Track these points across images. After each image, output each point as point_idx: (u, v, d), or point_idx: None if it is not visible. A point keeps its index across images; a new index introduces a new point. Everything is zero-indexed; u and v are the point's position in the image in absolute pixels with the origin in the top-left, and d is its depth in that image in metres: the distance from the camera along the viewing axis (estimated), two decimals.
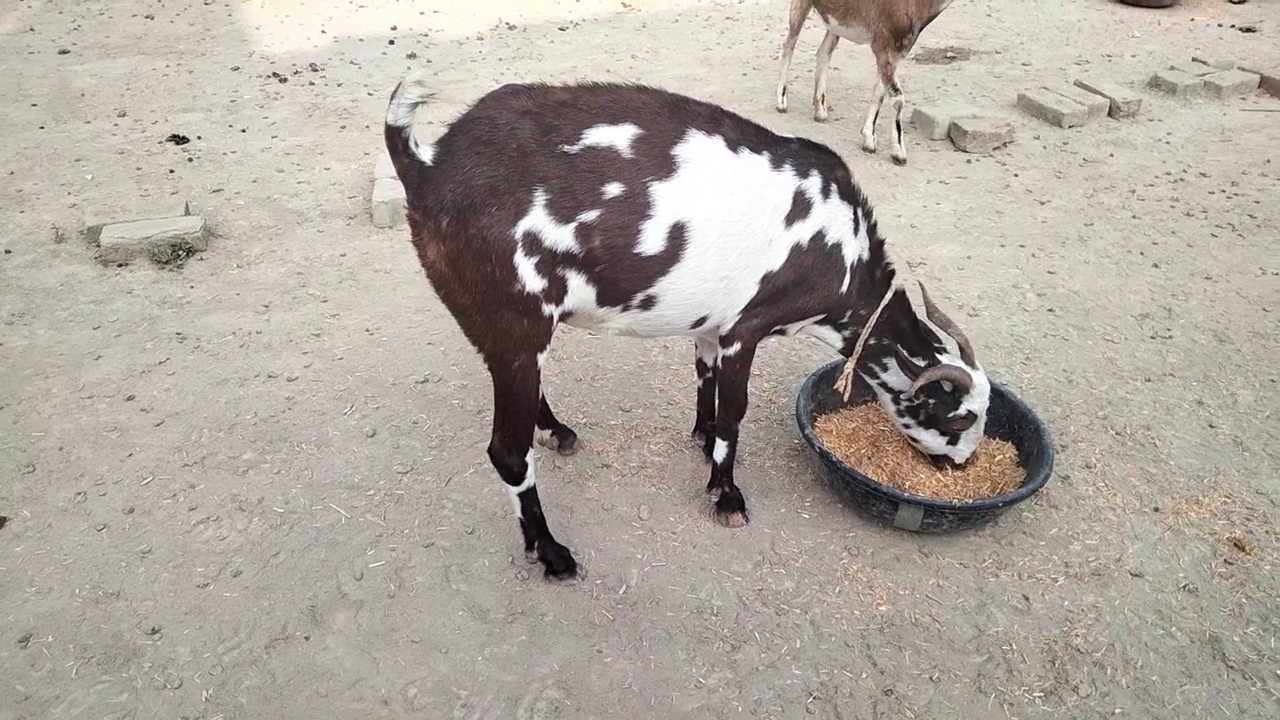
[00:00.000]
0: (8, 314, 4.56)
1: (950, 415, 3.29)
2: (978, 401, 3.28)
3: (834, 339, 3.32)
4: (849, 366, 3.26)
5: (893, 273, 3.23)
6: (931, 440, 3.40)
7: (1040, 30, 9.81)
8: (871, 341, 3.25)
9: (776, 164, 2.82)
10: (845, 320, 3.24)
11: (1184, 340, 4.57)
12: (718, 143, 2.70)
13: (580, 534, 3.36)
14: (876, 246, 3.18)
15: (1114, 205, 5.99)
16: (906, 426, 3.43)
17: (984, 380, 3.29)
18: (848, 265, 3.05)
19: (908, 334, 3.26)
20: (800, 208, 2.87)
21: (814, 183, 2.89)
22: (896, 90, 6.32)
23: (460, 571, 3.20)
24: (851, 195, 3.03)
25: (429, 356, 4.34)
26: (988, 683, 2.84)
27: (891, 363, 3.31)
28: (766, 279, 2.90)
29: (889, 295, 3.18)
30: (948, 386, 3.27)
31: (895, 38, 6.11)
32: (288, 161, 6.38)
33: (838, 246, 2.99)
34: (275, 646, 2.91)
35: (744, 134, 2.79)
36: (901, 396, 3.37)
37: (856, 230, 3.05)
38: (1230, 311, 4.81)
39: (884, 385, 3.39)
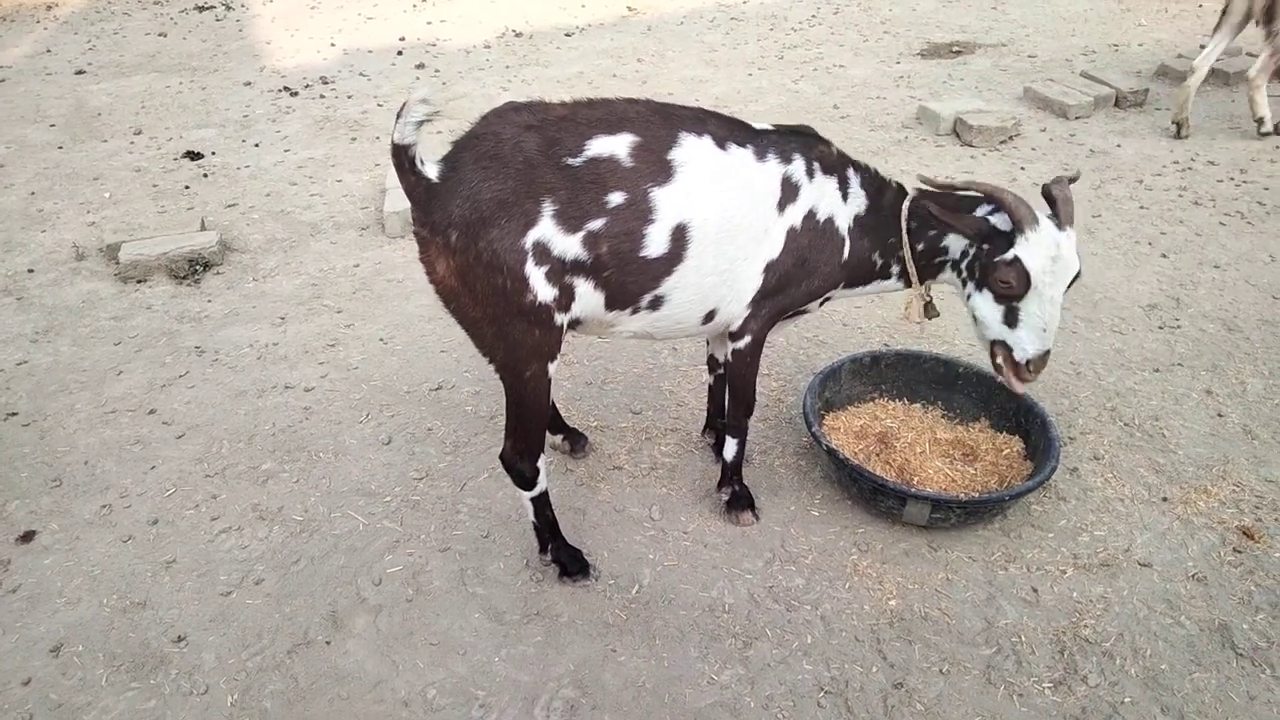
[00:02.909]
0: (32, 332, 4.67)
1: (996, 260, 2.85)
2: (1035, 250, 2.77)
3: (886, 285, 3.23)
4: (914, 292, 3.14)
5: (899, 185, 3.13)
6: (990, 313, 2.98)
7: (1046, 21, 9.80)
8: (920, 247, 3.08)
9: (760, 155, 2.87)
10: (878, 269, 3.16)
11: (1192, 330, 4.58)
12: (707, 142, 2.77)
13: (593, 535, 3.42)
14: (874, 187, 3.08)
15: (1121, 196, 5.99)
16: (969, 297, 3.06)
17: (1054, 232, 2.80)
18: (844, 235, 3.03)
19: (939, 212, 2.97)
20: (789, 192, 2.91)
21: (798, 166, 2.93)
22: None
23: (476, 574, 3.26)
24: (833, 167, 3.01)
25: (442, 364, 4.42)
26: (997, 674, 2.88)
27: (950, 242, 3.06)
28: (770, 268, 2.95)
29: (906, 206, 3.03)
30: (1004, 225, 2.87)
31: None
32: (300, 174, 6.48)
33: (830, 221, 3.00)
34: (297, 651, 2.98)
35: (730, 130, 2.85)
36: (964, 253, 3.05)
37: (847, 196, 3.03)
38: (1239, 300, 4.82)
39: (953, 264, 3.10)
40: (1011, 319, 2.95)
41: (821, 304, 3.27)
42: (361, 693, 2.85)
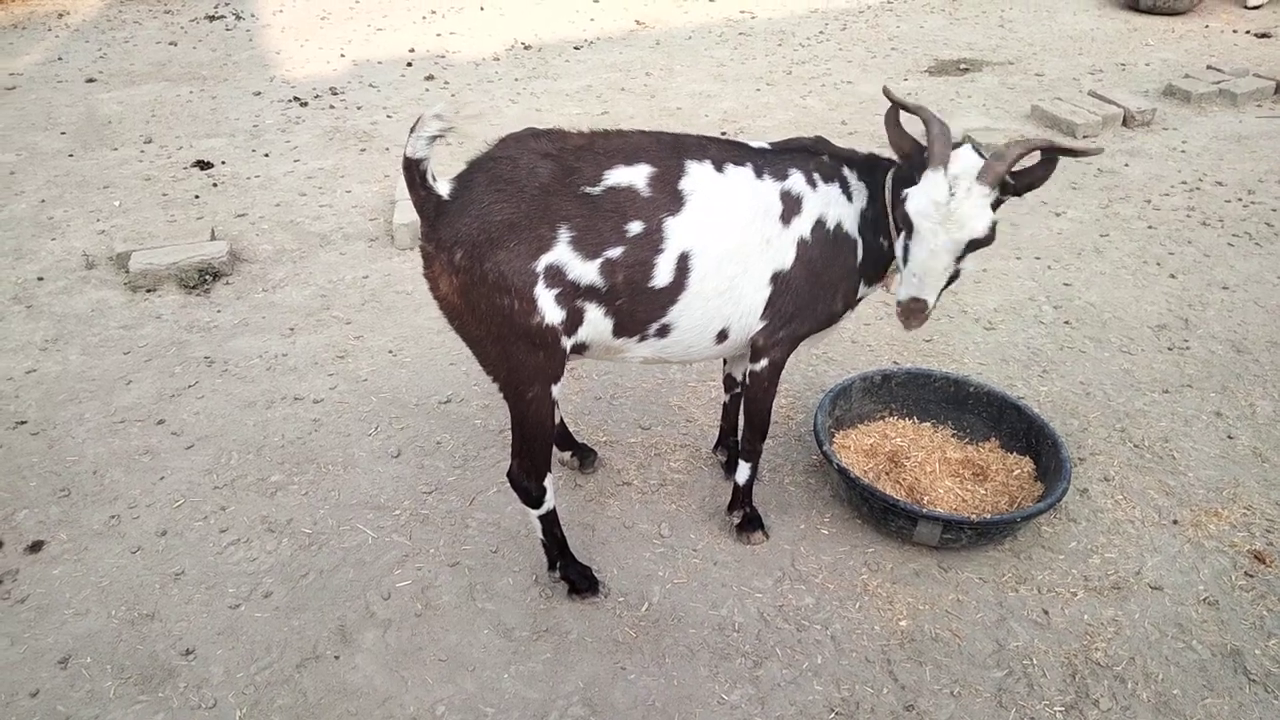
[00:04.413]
0: (41, 340, 4.68)
1: (902, 192, 2.74)
2: (922, 190, 2.65)
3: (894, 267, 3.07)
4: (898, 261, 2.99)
5: (887, 159, 3.02)
6: (897, 246, 2.88)
7: (1053, 40, 9.83)
8: (897, 212, 2.85)
9: (758, 173, 2.88)
10: (885, 250, 3.05)
11: (1201, 351, 4.58)
12: (707, 167, 2.79)
13: (602, 552, 3.41)
14: (869, 175, 3.01)
15: (1130, 215, 6.00)
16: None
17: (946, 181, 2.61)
18: (855, 237, 2.99)
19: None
20: (791, 205, 2.89)
21: (796, 179, 2.91)
22: None
23: (485, 590, 3.25)
24: (832, 174, 2.98)
25: (451, 377, 4.42)
26: (1008, 697, 2.87)
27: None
28: (778, 278, 2.91)
29: (890, 176, 2.95)
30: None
31: None
32: (310, 185, 6.50)
33: (839, 226, 2.96)
34: (306, 666, 2.97)
35: (728, 152, 2.86)
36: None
37: (850, 196, 2.98)
38: (1248, 321, 4.81)
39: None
40: (905, 256, 2.80)
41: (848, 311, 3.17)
42: (370, 708, 2.84)
